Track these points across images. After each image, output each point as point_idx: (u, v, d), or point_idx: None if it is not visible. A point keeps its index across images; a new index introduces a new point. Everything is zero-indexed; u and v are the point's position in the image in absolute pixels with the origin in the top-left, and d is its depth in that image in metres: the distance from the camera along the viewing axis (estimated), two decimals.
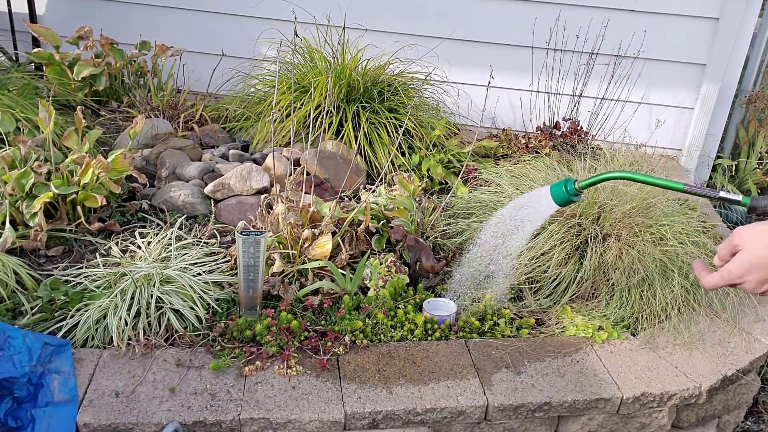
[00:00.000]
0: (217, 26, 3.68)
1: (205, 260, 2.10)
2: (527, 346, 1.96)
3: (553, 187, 1.58)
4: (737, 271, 0.95)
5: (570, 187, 1.54)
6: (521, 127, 3.65)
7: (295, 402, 1.66)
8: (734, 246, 0.96)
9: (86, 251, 2.24)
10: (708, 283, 1.01)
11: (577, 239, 2.21)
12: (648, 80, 3.47)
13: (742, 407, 2.18)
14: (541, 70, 3.49)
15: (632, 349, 1.99)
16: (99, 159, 2.24)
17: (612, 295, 2.13)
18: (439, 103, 3.40)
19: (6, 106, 2.57)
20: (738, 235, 0.96)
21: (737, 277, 0.95)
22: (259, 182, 2.56)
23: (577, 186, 1.53)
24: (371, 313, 1.98)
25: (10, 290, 1.92)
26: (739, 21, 3.25)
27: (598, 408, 1.81)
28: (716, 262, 1.00)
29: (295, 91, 3.00)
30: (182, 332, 1.84)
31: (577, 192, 1.54)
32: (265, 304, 1.98)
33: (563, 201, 1.57)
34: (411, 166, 2.93)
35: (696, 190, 1.38)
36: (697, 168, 3.61)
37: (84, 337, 1.80)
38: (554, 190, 1.58)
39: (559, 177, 2.47)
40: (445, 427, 1.74)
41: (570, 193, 1.55)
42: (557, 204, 1.58)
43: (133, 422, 1.57)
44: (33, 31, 3.25)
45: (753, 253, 0.93)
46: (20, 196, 2.18)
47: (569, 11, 3.37)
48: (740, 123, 3.87)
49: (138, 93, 3.25)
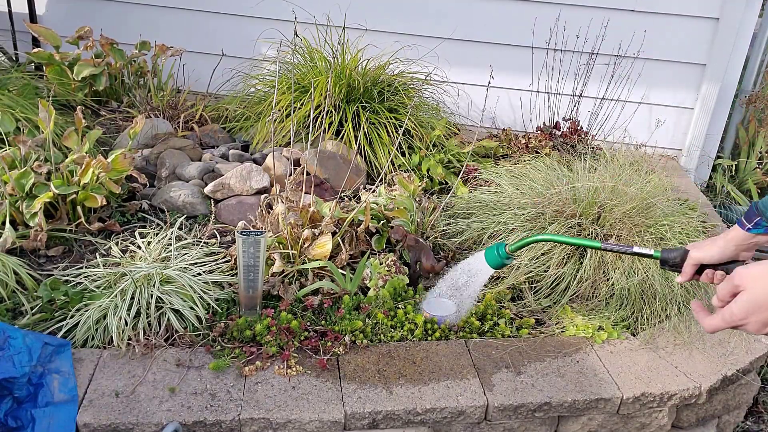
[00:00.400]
0: (217, 26, 3.68)
1: (205, 260, 2.10)
2: (527, 346, 1.96)
3: (487, 252, 1.68)
4: (740, 313, 0.93)
5: (501, 250, 1.65)
6: (521, 127, 3.65)
7: (295, 402, 1.66)
8: (735, 287, 0.94)
9: (86, 251, 2.24)
10: (709, 326, 0.98)
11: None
12: (648, 80, 3.47)
13: (742, 407, 2.18)
14: (541, 70, 3.49)
15: (632, 349, 1.99)
16: (99, 159, 2.24)
17: (612, 294, 2.13)
18: (439, 103, 3.40)
19: (6, 106, 2.57)
20: (738, 276, 0.94)
21: (740, 319, 0.93)
22: (259, 182, 2.56)
23: (508, 249, 1.64)
24: (371, 313, 1.98)
25: (10, 290, 1.92)
26: (739, 21, 3.25)
27: (598, 408, 1.81)
28: (715, 303, 0.98)
29: (295, 91, 3.00)
30: (182, 332, 1.84)
31: (508, 255, 1.65)
32: (265, 304, 1.98)
33: (496, 264, 1.68)
34: (411, 166, 2.93)
35: (612, 247, 1.49)
36: (697, 168, 3.61)
37: (84, 337, 1.80)
38: (488, 254, 1.68)
39: (559, 177, 2.48)
40: (445, 427, 1.74)
41: (501, 257, 1.66)
42: (491, 267, 1.69)
43: (133, 422, 1.57)
44: (33, 31, 3.25)
45: (755, 294, 0.91)
46: (20, 196, 2.18)
47: (569, 11, 3.38)
48: (740, 123, 3.87)
49: (138, 93, 3.25)
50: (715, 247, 1.31)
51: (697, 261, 1.33)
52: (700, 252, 1.33)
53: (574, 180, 2.40)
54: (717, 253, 1.31)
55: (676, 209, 2.43)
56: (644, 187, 2.37)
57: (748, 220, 1.28)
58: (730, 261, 1.32)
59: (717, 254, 1.31)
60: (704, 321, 0.99)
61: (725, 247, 1.30)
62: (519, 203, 2.34)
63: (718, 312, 0.96)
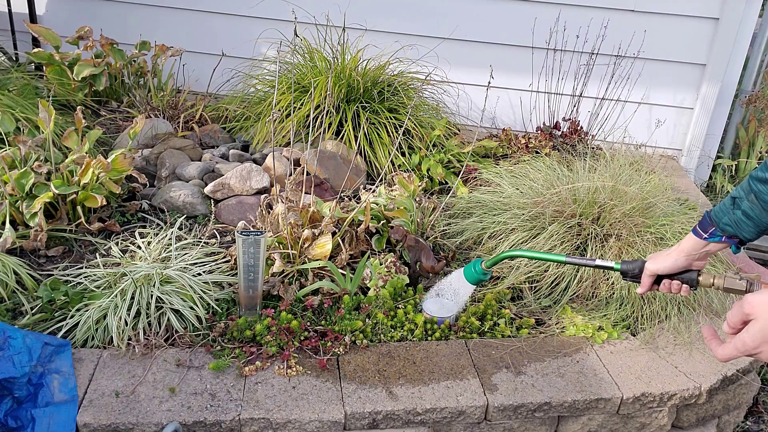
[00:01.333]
0: (217, 26, 3.68)
1: (205, 260, 2.10)
2: (527, 346, 1.96)
3: (466, 269, 1.77)
4: (752, 342, 0.91)
5: (478, 267, 1.72)
6: (521, 127, 3.65)
7: (295, 402, 1.66)
8: (746, 315, 0.92)
9: (86, 251, 2.24)
10: (722, 356, 0.97)
11: (577, 239, 2.21)
12: (648, 80, 3.47)
13: (742, 407, 2.18)
14: (541, 70, 3.49)
15: (632, 349, 1.99)
16: (99, 159, 2.24)
17: (612, 294, 2.13)
18: (439, 103, 3.40)
19: (6, 106, 2.57)
20: (749, 304, 0.92)
21: (753, 348, 0.91)
22: (259, 182, 2.56)
23: (484, 266, 1.71)
24: (371, 313, 1.98)
25: (10, 290, 1.92)
26: (739, 21, 3.25)
27: (598, 408, 1.81)
28: (726, 330, 0.97)
29: (295, 91, 3.00)
30: (182, 332, 1.84)
31: (485, 271, 1.72)
32: (265, 304, 1.98)
33: (474, 280, 1.76)
34: (411, 166, 2.93)
35: (576, 261, 1.58)
36: (697, 168, 3.61)
37: (84, 337, 1.80)
38: (466, 271, 1.76)
39: (559, 177, 2.48)
40: (445, 427, 1.75)
41: (478, 272, 1.73)
42: (470, 283, 1.78)
43: (133, 422, 1.57)
44: (33, 31, 3.25)
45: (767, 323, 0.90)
46: (20, 196, 2.18)
47: (569, 11, 3.38)
48: (740, 123, 3.87)
49: (138, 93, 3.25)
50: (669, 258, 1.40)
51: (653, 272, 1.43)
52: (654, 264, 1.42)
53: (574, 180, 2.40)
54: (670, 264, 1.41)
55: (676, 209, 2.43)
56: (644, 187, 2.37)
57: (703, 230, 1.36)
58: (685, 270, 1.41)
59: (670, 265, 1.41)
60: (717, 350, 0.98)
61: (677, 258, 1.39)
62: (519, 203, 2.34)
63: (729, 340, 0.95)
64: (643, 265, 1.44)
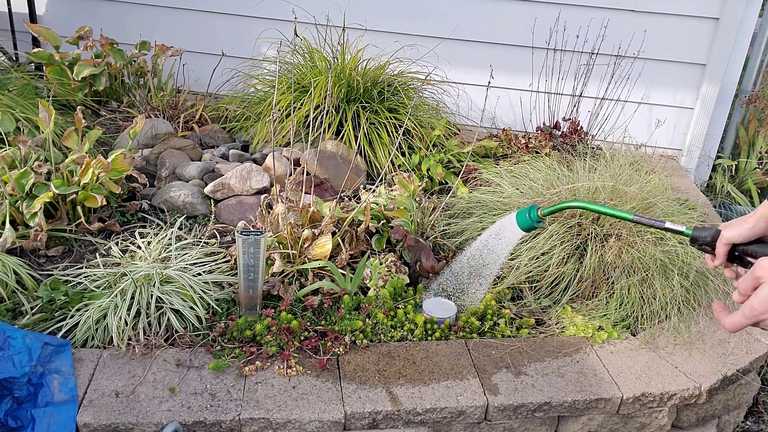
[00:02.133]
0: (217, 26, 3.68)
1: (205, 260, 2.10)
2: (527, 346, 1.96)
3: (519, 214, 1.68)
4: (761, 307, 0.88)
5: (533, 214, 1.64)
6: (521, 127, 3.65)
7: (295, 402, 1.66)
8: (757, 279, 0.90)
9: (86, 251, 2.24)
10: (731, 325, 0.93)
11: (577, 239, 2.21)
12: (648, 80, 3.47)
13: (742, 407, 2.18)
14: (541, 70, 3.49)
15: (632, 349, 1.99)
16: (99, 159, 2.24)
17: (612, 294, 2.13)
18: (439, 103, 3.40)
19: (6, 106, 2.57)
20: (760, 268, 0.89)
21: (761, 312, 0.89)
22: (259, 182, 2.56)
23: (540, 213, 1.63)
24: (371, 313, 1.98)
25: (10, 290, 1.92)
26: (739, 21, 3.25)
27: (598, 408, 1.81)
28: (736, 298, 0.94)
29: (295, 91, 3.00)
30: (182, 332, 1.84)
31: (540, 219, 1.64)
32: (265, 304, 1.98)
33: (527, 227, 1.67)
34: (411, 166, 2.93)
35: (644, 220, 1.43)
36: (697, 168, 3.61)
37: (84, 337, 1.80)
38: (519, 216, 1.67)
39: (559, 177, 2.48)
40: (445, 427, 1.74)
41: (533, 220, 1.65)
42: (522, 230, 1.69)
43: (133, 422, 1.57)
44: (33, 31, 3.25)
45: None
46: (20, 196, 2.18)
47: (569, 11, 3.38)
48: (740, 123, 3.87)
49: (138, 93, 3.25)
50: (745, 224, 1.20)
51: (729, 240, 1.23)
52: (730, 231, 1.23)
53: (574, 180, 2.40)
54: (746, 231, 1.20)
55: (676, 209, 2.43)
56: (644, 187, 2.37)
57: None
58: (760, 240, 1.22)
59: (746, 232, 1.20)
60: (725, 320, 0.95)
61: (755, 224, 1.20)
62: (519, 203, 2.34)
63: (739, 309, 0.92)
64: (717, 233, 1.27)
